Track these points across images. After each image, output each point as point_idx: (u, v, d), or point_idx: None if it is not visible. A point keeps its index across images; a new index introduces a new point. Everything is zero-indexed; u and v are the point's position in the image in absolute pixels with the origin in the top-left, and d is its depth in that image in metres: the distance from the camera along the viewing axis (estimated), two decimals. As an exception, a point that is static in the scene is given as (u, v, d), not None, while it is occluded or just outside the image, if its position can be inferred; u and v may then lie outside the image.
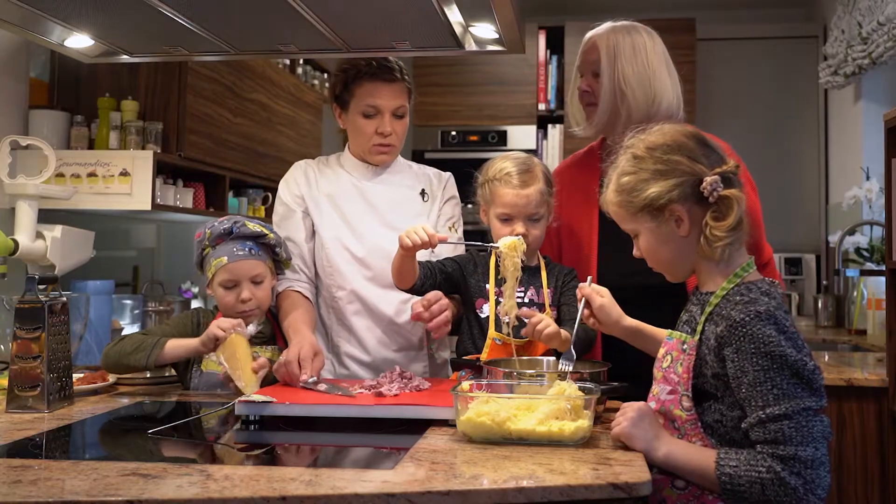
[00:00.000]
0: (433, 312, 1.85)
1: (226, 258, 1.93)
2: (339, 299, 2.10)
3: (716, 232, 1.38)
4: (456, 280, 1.95)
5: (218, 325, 1.86)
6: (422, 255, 2.08)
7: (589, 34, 2.06)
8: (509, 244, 1.81)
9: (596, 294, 1.64)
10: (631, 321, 1.65)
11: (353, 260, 2.10)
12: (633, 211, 1.45)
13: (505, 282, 1.85)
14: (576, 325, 1.67)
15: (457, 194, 2.24)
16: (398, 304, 2.09)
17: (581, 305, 1.66)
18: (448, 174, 2.26)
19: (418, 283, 1.88)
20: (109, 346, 1.94)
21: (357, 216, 2.12)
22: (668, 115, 1.94)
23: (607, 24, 2.04)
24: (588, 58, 2.03)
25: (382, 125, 2.08)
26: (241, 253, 1.94)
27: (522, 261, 1.84)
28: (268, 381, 1.87)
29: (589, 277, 1.72)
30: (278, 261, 2.04)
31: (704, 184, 1.39)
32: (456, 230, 2.20)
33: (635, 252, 1.52)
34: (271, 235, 1.99)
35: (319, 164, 2.22)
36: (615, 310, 1.64)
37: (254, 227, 1.97)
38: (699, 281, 1.49)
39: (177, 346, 1.91)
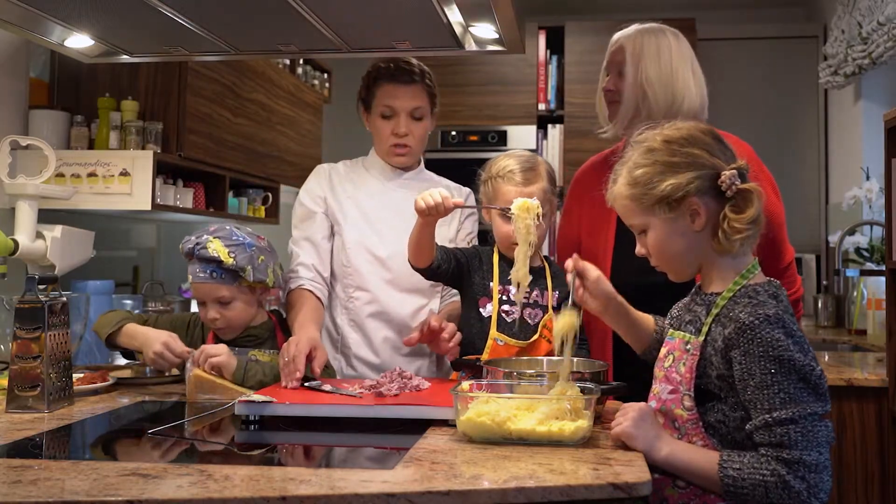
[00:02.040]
0: (449, 334, 1.87)
1: (191, 277, 1.96)
2: (355, 300, 2.11)
3: (735, 224, 1.37)
4: (462, 273, 1.95)
5: (161, 358, 1.90)
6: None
7: (616, 35, 2.09)
8: (521, 205, 1.76)
9: (589, 267, 1.60)
10: (621, 298, 1.62)
11: (374, 261, 2.10)
12: (648, 203, 1.43)
13: (508, 280, 1.86)
14: (570, 300, 1.64)
15: (475, 211, 2.23)
16: (415, 310, 2.10)
17: (572, 278, 1.60)
18: (468, 191, 2.26)
19: (434, 264, 1.88)
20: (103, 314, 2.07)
21: (381, 217, 2.13)
22: (689, 116, 1.93)
23: (635, 27, 2.06)
24: (614, 58, 2.06)
25: (398, 126, 2.10)
26: (201, 275, 1.93)
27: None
28: (268, 382, 1.87)
29: (575, 255, 1.65)
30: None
31: (723, 177, 1.38)
32: (472, 244, 2.21)
33: (639, 250, 1.50)
34: (230, 261, 1.90)
35: (344, 168, 2.23)
36: (608, 284, 1.61)
37: (213, 251, 1.90)
38: (704, 281, 1.49)
39: (132, 336, 1.96)
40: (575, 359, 1.78)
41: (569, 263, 1.61)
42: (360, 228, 2.12)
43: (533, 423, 1.41)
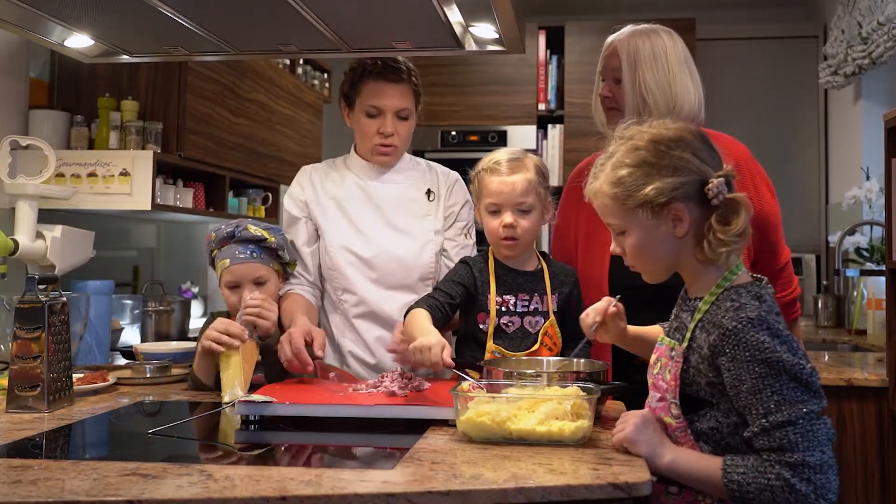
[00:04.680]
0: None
1: (228, 261, 1.96)
2: (343, 301, 2.11)
3: (721, 236, 1.33)
4: (462, 305, 1.90)
5: (211, 337, 1.83)
6: (428, 253, 2.10)
7: (610, 38, 2.05)
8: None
9: (619, 318, 1.59)
10: (632, 328, 1.62)
11: (358, 262, 2.10)
12: (630, 206, 1.38)
13: (506, 291, 1.86)
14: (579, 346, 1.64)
15: (469, 198, 2.18)
16: (403, 306, 2.09)
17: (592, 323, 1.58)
18: (455, 175, 2.24)
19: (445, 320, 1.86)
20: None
21: (362, 217, 2.12)
22: (689, 118, 1.91)
23: (628, 29, 2.03)
24: (609, 64, 2.03)
25: (384, 125, 2.08)
26: (242, 256, 1.96)
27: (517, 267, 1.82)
28: (267, 382, 1.87)
29: (610, 299, 1.64)
30: (286, 263, 2.05)
31: (710, 185, 1.33)
32: (470, 235, 2.19)
33: (613, 248, 1.46)
34: (272, 239, 1.98)
35: (326, 168, 2.22)
36: (623, 322, 1.60)
37: (255, 230, 1.97)
38: (687, 285, 1.45)
39: (196, 364, 1.94)
40: (575, 359, 1.78)
41: (600, 306, 1.58)
42: (342, 230, 2.11)
43: (533, 423, 1.40)
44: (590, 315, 1.59)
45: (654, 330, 1.64)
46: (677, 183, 1.35)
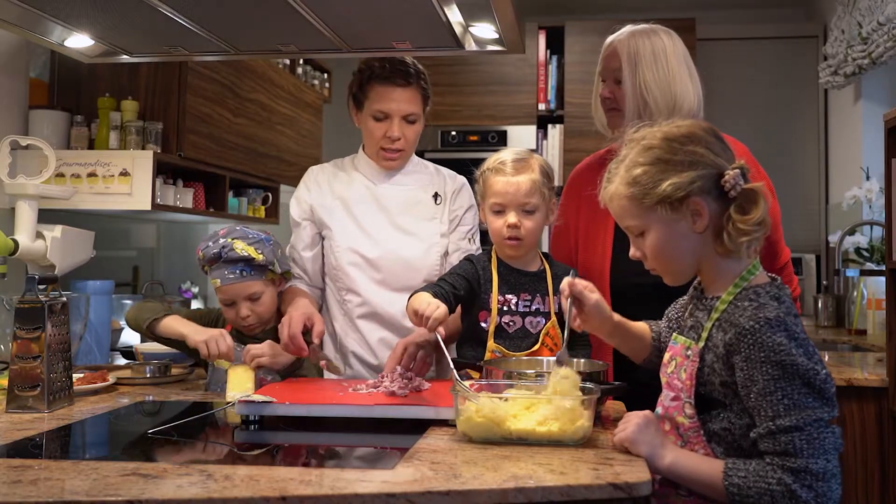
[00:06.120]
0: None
1: (219, 281, 1.96)
2: (347, 302, 2.11)
3: (741, 226, 1.33)
4: (465, 299, 1.90)
5: (212, 351, 1.88)
6: (433, 255, 2.10)
7: (610, 39, 2.05)
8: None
9: (587, 291, 1.56)
10: (617, 316, 1.60)
11: (363, 263, 2.10)
12: (648, 204, 1.37)
13: (509, 291, 1.86)
14: (566, 328, 1.59)
15: (474, 203, 2.17)
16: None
17: (569, 304, 1.56)
18: (462, 179, 2.23)
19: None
20: (137, 302, 2.13)
21: (369, 219, 2.12)
22: (688, 118, 1.90)
23: (627, 29, 2.03)
24: (610, 64, 2.02)
25: (391, 130, 2.06)
26: (231, 277, 1.95)
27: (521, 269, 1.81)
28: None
29: (572, 270, 1.64)
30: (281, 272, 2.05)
31: (727, 177, 1.33)
32: (473, 241, 2.18)
33: (633, 252, 1.45)
34: (260, 257, 1.95)
35: (333, 168, 2.21)
36: (606, 308, 1.58)
37: (241, 251, 1.93)
38: (704, 284, 1.45)
39: (174, 324, 1.97)
40: (575, 359, 1.77)
41: (564, 287, 1.56)
42: (348, 231, 2.11)
43: (533, 423, 1.40)
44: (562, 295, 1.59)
45: (639, 325, 1.63)
46: (694, 177, 1.35)
